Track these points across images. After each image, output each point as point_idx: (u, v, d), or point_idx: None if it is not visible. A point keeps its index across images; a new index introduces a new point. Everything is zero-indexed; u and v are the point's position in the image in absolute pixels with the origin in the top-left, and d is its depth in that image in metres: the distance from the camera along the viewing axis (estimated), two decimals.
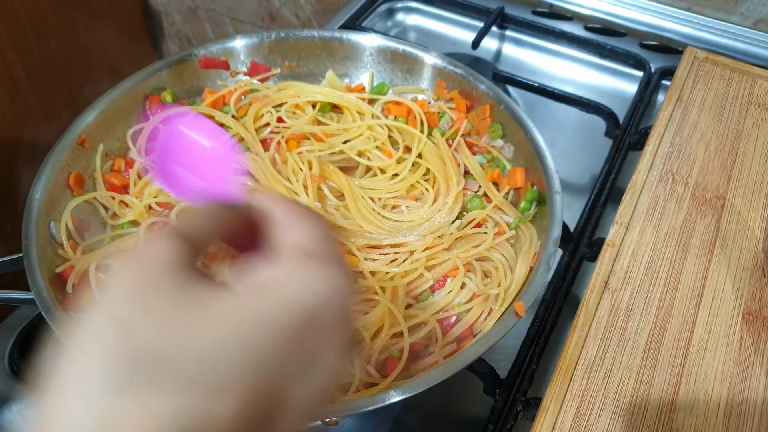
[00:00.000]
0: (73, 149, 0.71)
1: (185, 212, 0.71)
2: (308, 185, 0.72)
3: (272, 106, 0.82)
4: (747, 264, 0.68)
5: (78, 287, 0.63)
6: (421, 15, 1.15)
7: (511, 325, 0.58)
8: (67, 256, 0.66)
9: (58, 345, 0.26)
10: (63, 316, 0.58)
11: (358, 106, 0.82)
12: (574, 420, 0.56)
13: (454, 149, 0.79)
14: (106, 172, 0.74)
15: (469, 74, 0.81)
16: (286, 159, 0.75)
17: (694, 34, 1.06)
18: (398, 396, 0.53)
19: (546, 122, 0.97)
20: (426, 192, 0.76)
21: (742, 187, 0.75)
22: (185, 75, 0.82)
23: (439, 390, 0.54)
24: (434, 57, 0.83)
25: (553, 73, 1.06)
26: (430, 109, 0.83)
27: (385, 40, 0.85)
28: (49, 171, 0.68)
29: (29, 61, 1.33)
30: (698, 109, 0.85)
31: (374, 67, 0.86)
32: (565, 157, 0.92)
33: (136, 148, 0.76)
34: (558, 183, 0.68)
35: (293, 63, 0.86)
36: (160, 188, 0.73)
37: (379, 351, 0.62)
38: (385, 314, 0.63)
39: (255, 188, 0.74)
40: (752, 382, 0.60)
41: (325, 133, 0.80)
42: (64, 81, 1.42)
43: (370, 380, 0.60)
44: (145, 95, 0.79)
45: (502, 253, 0.69)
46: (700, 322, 0.64)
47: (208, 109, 0.80)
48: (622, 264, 0.67)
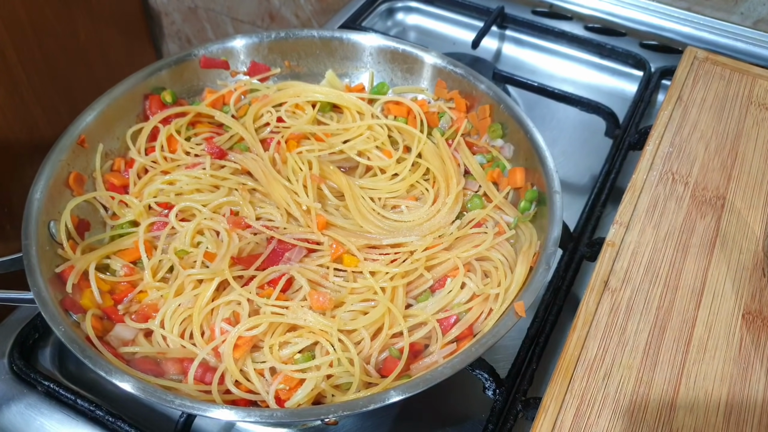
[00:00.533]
0: (73, 149, 0.71)
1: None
2: (308, 185, 0.72)
3: (272, 105, 0.82)
4: (747, 264, 0.68)
5: (77, 287, 0.63)
6: (421, 15, 1.15)
7: (511, 325, 0.58)
8: (67, 255, 0.66)
9: None
10: (62, 315, 0.58)
11: (357, 106, 0.82)
12: (574, 420, 0.56)
13: (454, 149, 0.79)
14: (105, 171, 0.74)
15: (469, 74, 0.81)
16: (286, 159, 0.75)
17: (694, 33, 1.06)
18: (398, 396, 0.53)
19: (546, 122, 0.97)
20: (426, 192, 0.76)
21: (742, 186, 0.75)
22: (185, 75, 0.82)
23: (439, 390, 0.54)
24: (434, 57, 0.83)
25: (553, 72, 1.05)
26: (430, 108, 0.83)
27: (385, 40, 0.85)
28: (48, 171, 0.68)
29: (29, 61, 1.33)
30: (698, 108, 0.85)
31: (374, 67, 0.86)
32: (565, 156, 0.92)
33: (136, 148, 0.76)
34: (558, 183, 0.68)
35: (293, 63, 0.86)
36: (159, 188, 0.73)
37: (378, 351, 0.62)
38: (385, 314, 0.63)
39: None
40: (752, 382, 0.60)
41: (325, 133, 0.80)
42: (64, 81, 1.42)
43: (370, 380, 0.60)
44: (144, 95, 0.79)
45: (502, 252, 0.69)
46: (700, 321, 0.63)
47: (207, 108, 0.80)
48: (622, 264, 0.67)
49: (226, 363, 0.59)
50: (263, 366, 0.60)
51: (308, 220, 0.70)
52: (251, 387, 0.59)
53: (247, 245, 0.68)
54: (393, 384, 0.58)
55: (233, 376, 0.59)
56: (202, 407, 0.53)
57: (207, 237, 0.68)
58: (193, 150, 0.77)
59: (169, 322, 0.62)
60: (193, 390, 0.58)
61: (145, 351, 0.61)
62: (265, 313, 0.62)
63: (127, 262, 0.68)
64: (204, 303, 0.63)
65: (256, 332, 0.60)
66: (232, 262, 0.65)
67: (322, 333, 0.61)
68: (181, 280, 0.64)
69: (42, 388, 0.65)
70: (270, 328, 0.61)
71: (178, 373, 0.61)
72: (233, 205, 0.72)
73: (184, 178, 0.73)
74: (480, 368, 0.63)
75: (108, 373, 0.54)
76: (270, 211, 0.72)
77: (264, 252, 0.67)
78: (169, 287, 0.65)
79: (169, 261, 0.67)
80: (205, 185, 0.73)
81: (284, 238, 0.68)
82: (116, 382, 0.54)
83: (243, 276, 0.65)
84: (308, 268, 0.66)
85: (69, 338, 0.56)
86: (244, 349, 0.60)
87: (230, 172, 0.75)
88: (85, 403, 0.63)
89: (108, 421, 0.62)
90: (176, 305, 0.63)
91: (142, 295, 0.66)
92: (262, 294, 0.64)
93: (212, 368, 0.60)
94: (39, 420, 0.64)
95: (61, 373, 0.68)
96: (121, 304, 0.65)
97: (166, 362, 0.61)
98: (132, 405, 0.64)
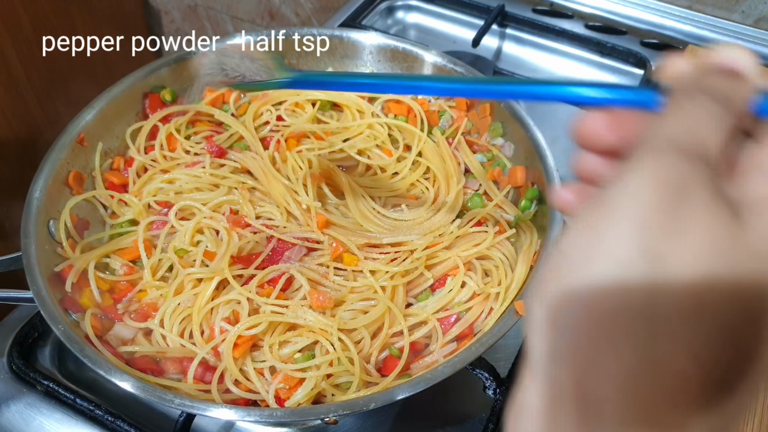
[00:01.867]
0: (72, 148, 0.71)
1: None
2: (308, 184, 0.72)
3: (272, 104, 0.82)
4: None
5: (77, 286, 0.63)
6: (421, 13, 1.15)
7: (511, 324, 0.58)
8: (66, 254, 0.65)
9: (568, 252, 0.24)
10: (62, 314, 0.58)
11: (358, 105, 0.82)
12: None
13: (455, 148, 0.79)
14: (105, 170, 0.74)
15: (469, 72, 0.81)
16: (286, 157, 0.75)
17: (694, 32, 1.06)
18: (398, 395, 0.53)
19: (546, 120, 0.96)
20: (426, 191, 0.76)
21: None
22: (185, 73, 0.81)
23: (440, 389, 0.54)
24: (434, 55, 0.83)
25: (553, 71, 1.05)
26: (431, 107, 0.83)
27: (385, 39, 0.85)
28: (48, 169, 0.68)
29: (29, 61, 1.33)
30: None
31: (374, 66, 0.86)
32: (566, 155, 0.91)
33: (136, 147, 0.76)
34: (559, 181, 0.68)
35: (293, 61, 0.86)
36: (159, 187, 0.73)
37: (379, 350, 0.62)
38: (385, 313, 0.63)
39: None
40: None
41: (325, 132, 0.80)
42: (64, 80, 1.42)
43: (370, 379, 0.60)
44: (144, 93, 0.78)
45: (502, 251, 0.69)
46: None
47: (207, 107, 0.80)
48: None
49: (225, 362, 0.59)
50: (263, 365, 0.60)
51: (308, 218, 0.70)
52: (251, 386, 0.59)
53: (247, 244, 0.68)
54: (393, 383, 0.58)
55: (233, 376, 0.59)
56: (202, 406, 0.52)
57: (206, 236, 0.68)
58: (193, 149, 0.77)
59: (168, 321, 0.62)
60: (192, 389, 0.58)
61: (144, 350, 0.61)
62: (265, 312, 0.62)
63: (127, 261, 0.68)
64: (203, 302, 0.63)
65: (255, 331, 0.60)
66: (232, 261, 0.65)
67: (322, 332, 0.61)
68: (181, 279, 0.64)
69: (41, 387, 0.64)
70: (270, 327, 0.61)
71: (178, 373, 0.60)
72: (233, 203, 0.72)
73: (184, 176, 0.73)
74: (480, 367, 0.63)
75: (107, 372, 0.54)
76: (270, 210, 0.71)
77: (264, 251, 0.67)
78: (169, 286, 0.65)
79: (169, 260, 0.66)
80: (204, 184, 0.73)
81: (284, 237, 0.68)
82: (116, 382, 0.54)
83: (243, 275, 0.65)
84: (308, 267, 0.66)
85: (68, 337, 0.56)
86: (244, 348, 0.60)
87: (230, 171, 0.74)
88: (84, 403, 0.62)
89: (107, 421, 0.61)
90: (176, 304, 0.63)
91: (142, 294, 0.66)
92: (262, 293, 0.63)
93: (212, 367, 0.60)
94: (38, 419, 0.64)
95: (60, 373, 0.68)
96: (121, 303, 0.65)
97: (166, 361, 0.61)
98: (131, 404, 0.64)
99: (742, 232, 0.23)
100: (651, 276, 0.22)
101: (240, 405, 0.58)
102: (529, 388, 0.26)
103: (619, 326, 0.23)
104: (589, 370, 0.23)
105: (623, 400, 0.22)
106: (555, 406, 0.24)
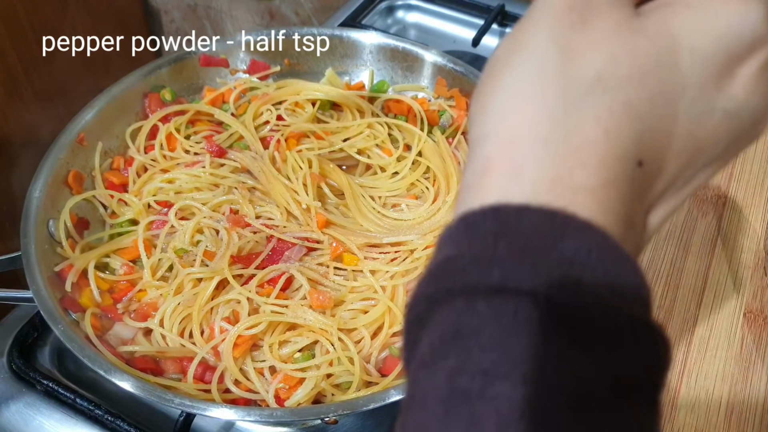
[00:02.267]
0: (72, 147, 0.71)
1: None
2: (308, 183, 0.71)
3: (272, 103, 0.81)
4: (748, 262, 0.68)
5: (76, 286, 0.63)
6: (422, 12, 1.14)
7: None
8: (66, 254, 0.65)
9: (494, 62, 0.27)
10: (62, 314, 0.58)
11: (357, 104, 0.82)
12: None
13: (455, 147, 0.79)
14: (105, 170, 0.74)
15: (469, 72, 0.80)
16: (286, 157, 0.75)
17: None
18: (398, 395, 0.53)
19: None
20: (426, 190, 0.75)
21: (744, 184, 0.75)
22: (184, 73, 0.81)
23: None
24: (434, 55, 0.83)
25: None
26: (431, 106, 0.83)
27: (385, 38, 0.85)
28: (48, 169, 0.68)
29: (29, 61, 1.33)
30: None
31: (374, 65, 0.86)
32: None
33: (135, 146, 0.76)
34: None
35: (293, 60, 0.86)
36: (158, 186, 0.73)
37: (379, 350, 0.62)
38: (385, 313, 0.63)
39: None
40: (753, 381, 0.60)
41: (325, 131, 0.80)
42: (64, 80, 1.41)
43: (370, 379, 0.60)
44: (144, 93, 0.78)
45: None
46: (701, 320, 0.63)
47: (207, 106, 0.80)
48: None
49: (225, 362, 0.59)
50: (263, 365, 0.60)
51: (308, 218, 0.70)
52: (251, 386, 0.59)
53: (247, 244, 0.67)
54: (393, 383, 0.58)
55: (233, 375, 0.59)
56: (202, 406, 0.52)
57: (206, 235, 0.68)
58: (193, 148, 0.77)
59: (168, 320, 0.62)
60: (192, 389, 0.58)
61: (144, 350, 0.61)
62: (265, 311, 0.62)
63: (127, 261, 0.67)
64: (203, 302, 0.62)
65: (255, 331, 0.60)
66: (232, 260, 0.65)
67: (322, 332, 0.61)
68: (181, 278, 0.64)
69: (41, 387, 0.64)
70: (270, 327, 0.61)
71: (178, 372, 0.60)
72: (233, 203, 0.72)
73: (184, 176, 0.73)
74: None
75: (107, 372, 0.54)
76: (270, 210, 0.71)
77: (264, 251, 0.67)
78: (169, 286, 0.65)
79: (169, 260, 0.66)
80: (204, 183, 0.73)
81: (284, 237, 0.68)
82: (115, 381, 0.54)
83: (242, 275, 0.65)
84: (308, 267, 0.66)
85: (68, 337, 0.56)
86: (244, 347, 0.60)
87: (230, 171, 0.74)
88: (84, 402, 0.62)
89: (107, 420, 0.61)
90: (175, 304, 0.63)
91: (142, 294, 0.66)
92: (262, 293, 0.63)
93: (212, 367, 0.60)
94: (38, 419, 0.63)
95: (60, 372, 0.68)
96: (121, 302, 0.65)
97: (166, 361, 0.61)
98: (131, 404, 0.64)
99: (640, 24, 0.26)
100: (564, 62, 0.25)
101: (240, 405, 0.58)
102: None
103: (535, 104, 0.26)
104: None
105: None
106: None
